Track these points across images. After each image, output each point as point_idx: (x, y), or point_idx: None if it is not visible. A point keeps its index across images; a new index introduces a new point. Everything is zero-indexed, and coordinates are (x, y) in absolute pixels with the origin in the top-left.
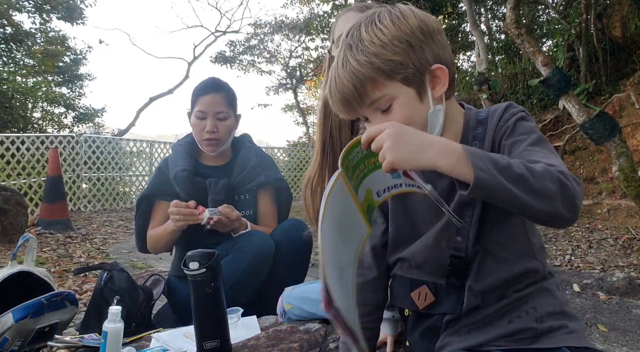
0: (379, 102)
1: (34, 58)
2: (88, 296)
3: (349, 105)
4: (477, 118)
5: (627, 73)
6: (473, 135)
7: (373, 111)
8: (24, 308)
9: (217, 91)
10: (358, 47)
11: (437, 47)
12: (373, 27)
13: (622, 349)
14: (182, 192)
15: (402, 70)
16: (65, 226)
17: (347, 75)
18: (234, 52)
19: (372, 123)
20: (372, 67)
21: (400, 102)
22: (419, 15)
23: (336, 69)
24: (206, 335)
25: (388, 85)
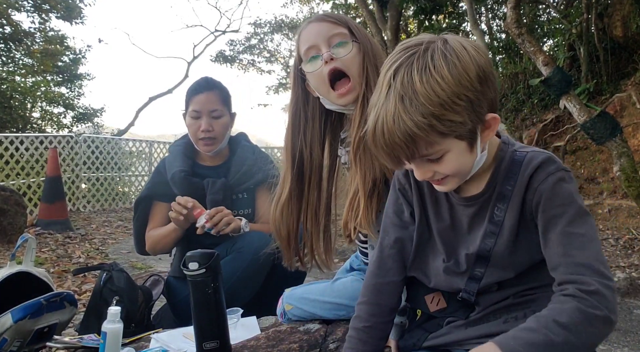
0: (429, 156)
1: (33, 58)
2: (87, 296)
3: (396, 160)
4: (510, 163)
5: (628, 73)
6: (500, 191)
7: (421, 161)
8: (23, 309)
9: (211, 90)
10: (412, 102)
11: (490, 91)
12: (429, 77)
13: (624, 349)
14: (179, 193)
15: (460, 128)
16: (64, 226)
17: (399, 133)
18: (233, 52)
19: (418, 169)
20: (429, 129)
21: (452, 154)
22: (475, 58)
23: (384, 119)
24: (206, 335)
25: (442, 143)
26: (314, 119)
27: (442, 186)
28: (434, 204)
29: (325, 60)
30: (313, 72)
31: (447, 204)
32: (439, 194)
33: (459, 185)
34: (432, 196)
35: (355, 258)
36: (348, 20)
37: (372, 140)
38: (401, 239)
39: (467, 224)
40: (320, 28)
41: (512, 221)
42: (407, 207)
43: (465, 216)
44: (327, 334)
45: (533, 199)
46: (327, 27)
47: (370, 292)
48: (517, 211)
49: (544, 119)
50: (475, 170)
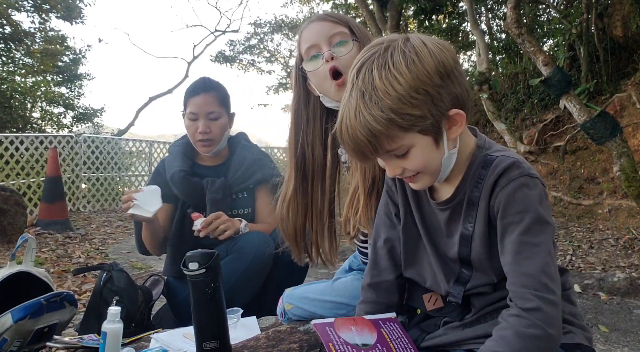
0: (394, 151)
1: (33, 57)
2: (87, 296)
3: (361, 155)
4: (480, 166)
5: (628, 73)
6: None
7: (388, 156)
8: (23, 309)
9: (208, 91)
10: (372, 98)
11: (454, 86)
12: (387, 74)
13: (623, 349)
14: (179, 193)
15: (421, 122)
16: (64, 226)
17: (360, 128)
18: (233, 52)
19: (387, 166)
20: (388, 123)
21: (417, 149)
22: (435, 54)
23: (348, 115)
24: (206, 336)
25: (404, 137)
26: (315, 118)
27: (414, 183)
28: (417, 205)
29: (326, 59)
30: (314, 71)
31: (427, 208)
32: (421, 195)
33: (432, 183)
34: (415, 197)
35: (354, 258)
36: (348, 20)
37: (339, 137)
38: (391, 238)
39: (445, 227)
40: (321, 27)
41: (482, 228)
42: (393, 208)
43: (442, 219)
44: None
45: (494, 205)
46: (328, 26)
47: (367, 291)
48: (484, 217)
49: (544, 119)
50: (447, 168)
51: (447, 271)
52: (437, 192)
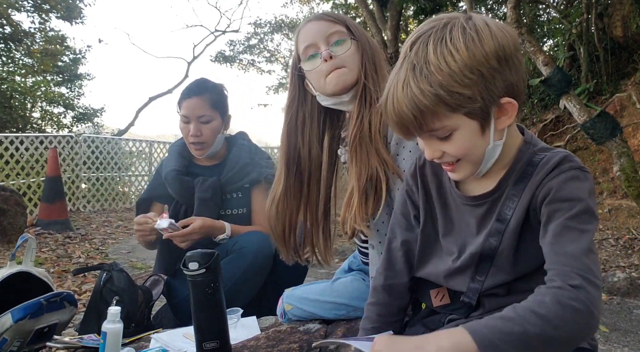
0: (438, 132)
1: (33, 57)
2: (87, 296)
3: (405, 130)
4: (526, 164)
5: (628, 73)
6: (512, 191)
7: (430, 137)
8: (23, 308)
9: (200, 94)
10: (422, 71)
11: (511, 74)
12: (443, 48)
13: (624, 349)
14: (172, 192)
15: (469, 104)
16: (64, 226)
17: (407, 101)
18: (233, 52)
19: (427, 147)
20: (436, 99)
21: (461, 133)
22: (497, 36)
23: (395, 87)
24: (206, 336)
25: (450, 117)
26: (312, 117)
27: (454, 172)
28: (442, 206)
29: (325, 58)
30: (312, 70)
31: (455, 206)
32: (447, 196)
33: (471, 174)
34: (441, 198)
35: (353, 258)
36: (346, 19)
37: (384, 110)
38: (408, 241)
39: (476, 224)
40: (319, 27)
41: (519, 220)
42: (412, 210)
43: (474, 216)
44: (327, 334)
45: (540, 195)
46: (325, 25)
47: (379, 293)
48: (524, 209)
49: (544, 119)
50: (490, 161)
51: (465, 270)
52: (470, 186)
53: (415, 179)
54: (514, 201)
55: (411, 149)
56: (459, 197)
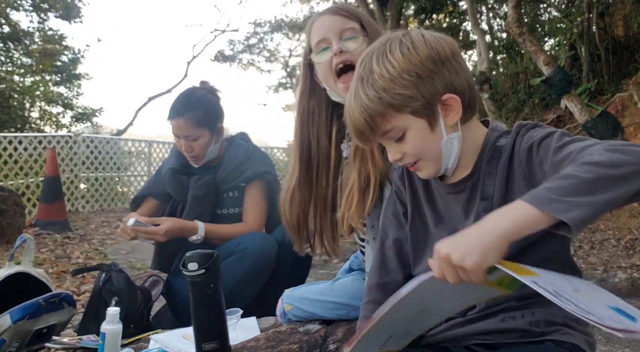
0: (390, 133)
1: (32, 57)
2: (86, 296)
3: (362, 136)
4: (494, 144)
5: (630, 72)
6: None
7: (387, 140)
8: (22, 309)
9: (182, 115)
10: (368, 81)
11: (449, 74)
12: (384, 59)
13: (625, 350)
14: (170, 190)
15: (411, 103)
16: (63, 227)
17: (357, 108)
18: (233, 51)
19: (388, 151)
20: (380, 102)
21: (412, 132)
22: (430, 43)
23: (350, 99)
24: (205, 336)
25: (398, 118)
26: (320, 109)
27: (419, 171)
28: (429, 201)
29: (335, 53)
30: (322, 63)
31: (440, 198)
32: (432, 190)
33: (437, 170)
34: (427, 193)
35: (355, 258)
36: (360, 14)
37: (346, 122)
38: (399, 239)
39: (463, 210)
40: (333, 21)
41: (502, 192)
42: (401, 208)
43: (459, 204)
44: (327, 335)
45: (521, 159)
46: (339, 20)
47: (374, 291)
48: (504, 179)
49: (545, 118)
50: (451, 154)
51: None
52: (452, 177)
53: (403, 179)
54: (491, 178)
55: None
56: (442, 188)
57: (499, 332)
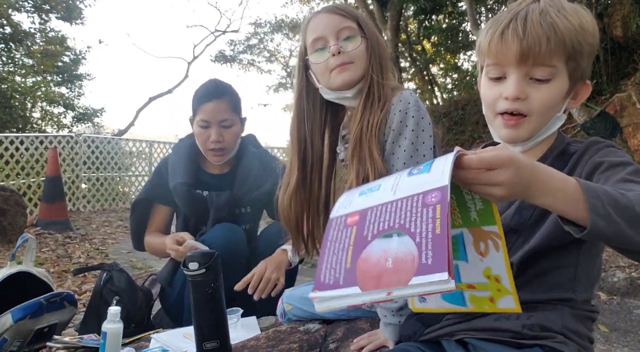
0: (543, 70)
1: (33, 58)
2: (87, 296)
3: (522, 53)
4: (562, 150)
5: (628, 73)
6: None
7: (526, 75)
8: (23, 308)
9: (220, 97)
10: (560, 11)
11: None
12: (578, 13)
13: (623, 349)
14: (182, 206)
15: (579, 62)
16: (64, 226)
17: (545, 25)
18: (234, 52)
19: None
20: (569, 35)
21: (555, 84)
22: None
23: (530, 14)
24: (206, 335)
25: (560, 62)
26: (314, 109)
27: (516, 128)
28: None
29: (333, 53)
30: (319, 64)
31: None
32: None
33: (527, 138)
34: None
35: None
36: (357, 14)
37: (498, 37)
38: None
39: (507, 204)
40: (330, 20)
41: None
42: None
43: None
44: (327, 334)
45: (585, 171)
46: (336, 19)
47: None
48: None
49: None
50: (546, 132)
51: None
52: None
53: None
54: None
55: (406, 149)
56: None
57: (491, 330)
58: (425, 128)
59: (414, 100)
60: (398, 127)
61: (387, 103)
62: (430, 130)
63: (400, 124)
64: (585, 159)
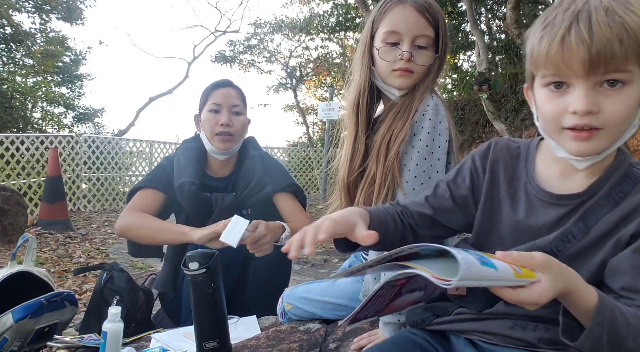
0: (614, 75)
1: (34, 58)
2: (88, 296)
3: (596, 61)
4: (624, 174)
5: None
6: (605, 197)
7: (597, 84)
8: (24, 308)
9: (232, 86)
10: (628, 7)
11: None
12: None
13: None
14: (186, 206)
15: None
16: (64, 226)
17: (613, 25)
18: (234, 52)
19: (587, 97)
20: (636, 37)
21: (631, 90)
22: None
23: (594, 14)
24: (206, 335)
25: (634, 67)
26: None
27: (588, 141)
28: (511, 198)
29: (403, 58)
30: (385, 58)
31: (526, 201)
32: (519, 189)
33: (602, 150)
34: (510, 189)
35: (355, 258)
36: (440, 23)
37: (560, 39)
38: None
39: (551, 223)
40: (414, 20)
41: (603, 231)
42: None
43: (549, 216)
44: (327, 334)
45: (632, 227)
46: (420, 23)
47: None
48: (612, 223)
49: None
50: (619, 141)
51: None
52: (552, 183)
53: (485, 161)
54: (603, 212)
55: (420, 150)
56: (538, 193)
57: (505, 336)
58: (442, 132)
59: (433, 103)
60: (414, 128)
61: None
62: (447, 135)
63: (416, 124)
64: None
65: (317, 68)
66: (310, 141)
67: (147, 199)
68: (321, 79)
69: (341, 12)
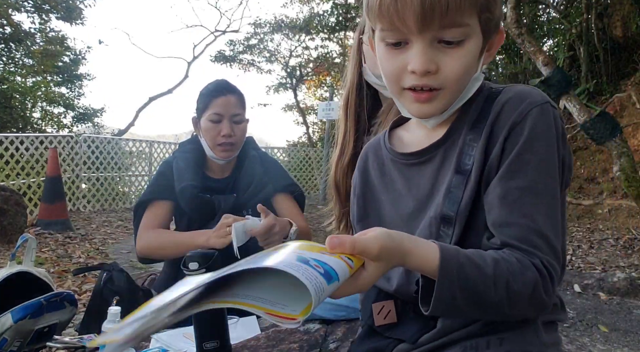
0: (453, 31)
1: (33, 58)
2: (87, 296)
3: (425, 15)
4: (483, 100)
5: (628, 73)
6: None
7: (434, 40)
8: (23, 309)
9: (232, 93)
10: None
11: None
12: None
13: (623, 349)
14: (188, 209)
15: (493, 11)
16: (64, 226)
17: None
18: (233, 52)
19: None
20: None
21: (469, 45)
22: None
23: None
24: (206, 335)
25: (472, 19)
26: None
27: (429, 102)
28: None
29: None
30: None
31: (400, 175)
32: (388, 172)
33: (443, 110)
34: (382, 179)
35: None
36: None
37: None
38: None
39: (430, 183)
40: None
41: (480, 167)
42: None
43: (424, 176)
44: (327, 334)
45: (501, 133)
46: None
47: None
48: (483, 149)
49: None
50: (464, 98)
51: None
52: (414, 142)
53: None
54: (473, 147)
55: None
56: (400, 160)
57: None
58: None
59: None
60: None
61: None
62: None
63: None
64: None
65: (317, 68)
66: (310, 141)
67: (158, 214)
68: (321, 79)
69: (341, 12)
